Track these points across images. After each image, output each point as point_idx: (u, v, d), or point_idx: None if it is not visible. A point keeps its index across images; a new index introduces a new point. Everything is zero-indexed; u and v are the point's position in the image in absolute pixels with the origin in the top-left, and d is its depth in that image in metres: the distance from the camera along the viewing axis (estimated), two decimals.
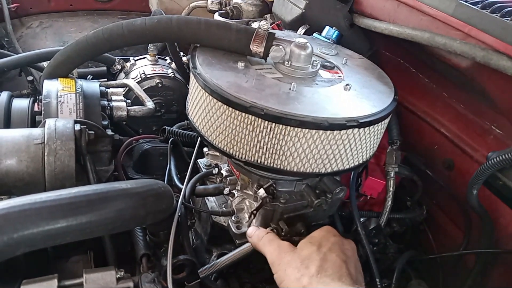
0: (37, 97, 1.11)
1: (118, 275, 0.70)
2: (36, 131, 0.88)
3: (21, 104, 1.10)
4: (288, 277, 0.72)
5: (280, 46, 0.90)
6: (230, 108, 0.78)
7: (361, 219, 1.13)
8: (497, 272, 1.06)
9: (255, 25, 0.95)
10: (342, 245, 0.77)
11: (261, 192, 0.89)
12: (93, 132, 0.93)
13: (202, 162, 1.12)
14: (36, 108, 1.09)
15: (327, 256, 0.73)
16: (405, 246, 1.17)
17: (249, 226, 0.94)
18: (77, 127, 0.89)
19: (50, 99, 1.02)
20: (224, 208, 1.01)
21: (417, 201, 1.22)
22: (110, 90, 1.21)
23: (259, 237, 0.82)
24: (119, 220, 0.70)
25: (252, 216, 0.91)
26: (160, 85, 1.54)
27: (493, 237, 1.02)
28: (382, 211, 1.14)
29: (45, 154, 0.83)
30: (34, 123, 1.06)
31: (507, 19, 0.86)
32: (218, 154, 1.11)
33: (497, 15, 0.88)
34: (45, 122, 0.89)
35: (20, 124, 1.06)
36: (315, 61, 0.94)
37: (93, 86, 1.12)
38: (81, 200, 0.67)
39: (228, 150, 0.83)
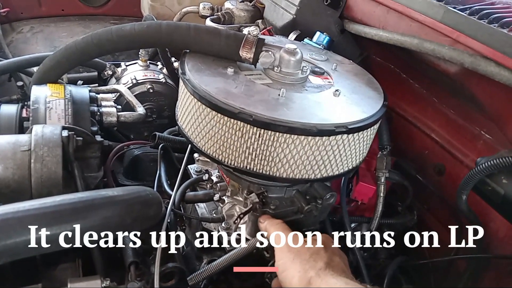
0: (26, 103, 1.10)
1: (104, 284, 0.69)
2: (23, 138, 0.87)
3: (9, 110, 1.08)
4: (295, 265, 0.74)
5: (270, 52, 0.90)
6: (219, 114, 0.77)
7: (352, 225, 1.13)
8: (488, 277, 1.06)
9: (246, 30, 0.95)
10: (340, 253, 0.82)
11: (253, 196, 0.89)
12: (81, 138, 0.92)
13: (192, 168, 1.11)
14: (24, 114, 1.08)
15: (332, 257, 0.76)
16: (396, 252, 1.16)
17: (235, 230, 0.94)
18: (65, 133, 0.87)
19: (38, 105, 1.01)
20: (214, 215, 1.00)
21: (408, 206, 1.22)
22: (100, 96, 1.20)
23: (272, 222, 0.85)
24: (105, 228, 0.69)
25: (239, 219, 0.90)
26: (151, 91, 1.53)
27: (484, 242, 1.02)
28: (373, 217, 1.14)
29: (32, 161, 0.82)
30: (21, 129, 1.05)
31: (494, 26, 0.87)
32: (208, 160, 1.10)
33: (484, 21, 0.89)
34: (32, 128, 0.88)
35: (8, 130, 1.04)
36: (305, 67, 0.93)
37: (82, 92, 1.11)
38: (65, 208, 0.66)
39: (217, 156, 0.83)
